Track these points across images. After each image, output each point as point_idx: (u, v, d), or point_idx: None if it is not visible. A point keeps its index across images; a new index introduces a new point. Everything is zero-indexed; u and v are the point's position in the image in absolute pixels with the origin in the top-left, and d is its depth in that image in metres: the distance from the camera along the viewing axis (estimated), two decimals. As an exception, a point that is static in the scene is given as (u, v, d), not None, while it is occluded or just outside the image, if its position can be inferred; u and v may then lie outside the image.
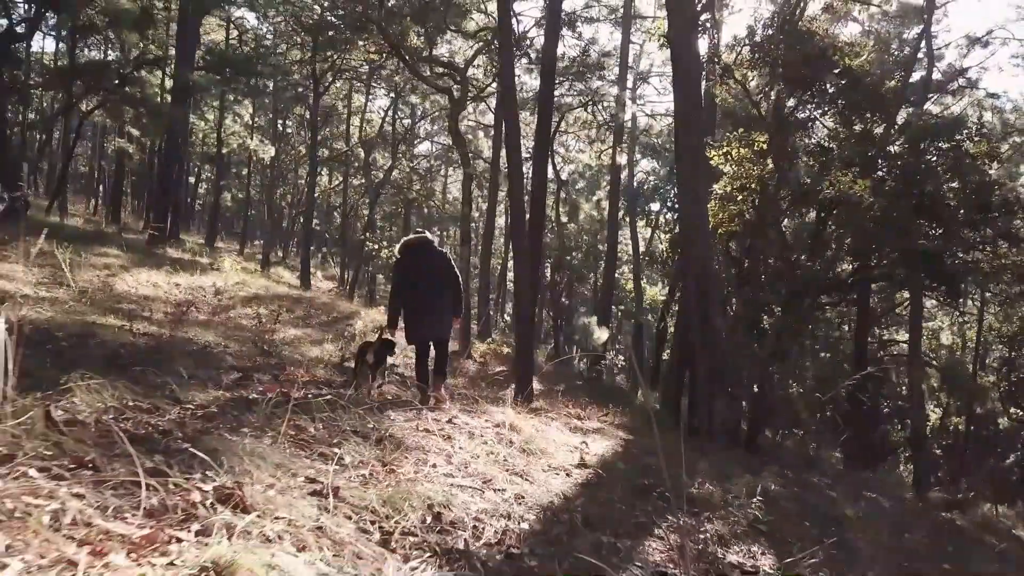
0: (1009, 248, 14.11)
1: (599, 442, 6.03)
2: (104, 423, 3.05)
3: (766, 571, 3.65)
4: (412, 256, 5.99)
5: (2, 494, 2.06)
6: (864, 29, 15.53)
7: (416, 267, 5.93)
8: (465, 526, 2.95)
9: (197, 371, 4.74)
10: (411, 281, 5.91)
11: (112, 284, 12.62)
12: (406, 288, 5.93)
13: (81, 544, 1.97)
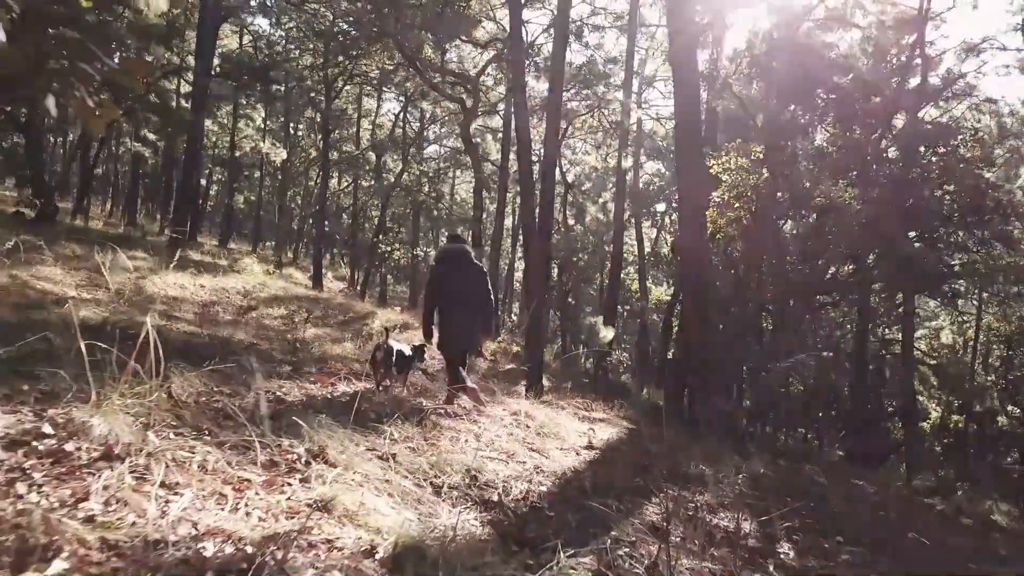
0: (1004, 250, 14.75)
1: (605, 430, 6.73)
2: (202, 402, 3.81)
3: (745, 531, 4.36)
4: (449, 266, 6.06)
5: (163, 448, 2.81)
6: (864, 35, 16.15)
7: (452, 278, 5.99)
8: (496, 486, 3.68)
9: (255, 364, 5.47)
10: (445, 291, 5.98)
11: (143, 286, 13.38)
12: (440, 297, 6.01)
13: (224, 483, 2.72)
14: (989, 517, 8.33)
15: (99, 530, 2.11)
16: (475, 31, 17.07)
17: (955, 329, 22.12)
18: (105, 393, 3.01)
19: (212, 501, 2.53)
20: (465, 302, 5.93)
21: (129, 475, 2.52)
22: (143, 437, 2.86)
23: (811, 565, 4.06)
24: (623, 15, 19.42)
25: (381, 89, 25.76)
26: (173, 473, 2.64)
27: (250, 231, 35.46)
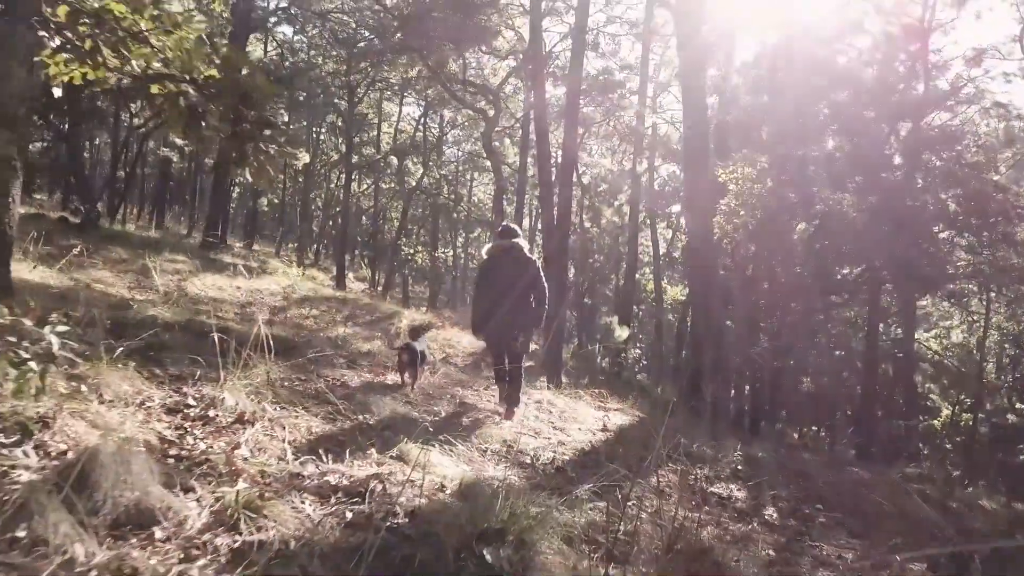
0: (1009, 251, 15.36)
1: (618, 417, 7.58)
2: (287, 385, 4.72)
3: (736, 495, 5.20)
4: (496, 261, 5.90)
5: (278, 416, 3.72)
6: (874, 42, 16.82)
7: (497, 273, 5.84)
8: (528, 453, 4.57)
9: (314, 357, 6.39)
10: (489, 284, 5.88)
11: (185, 287, 14.42)
12: (485, 293, 5.92)
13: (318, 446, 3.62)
14: (976, 502, 9.07)
15: (256, 466, 3.02)
16: (495, 41, 17.96)
17: (965, 329, 22.65)
18: (227, 375, 3.94)
19: (321, 452, 3.45)
20: (508, 300, 5.64)
21: (262, 433, 3.44)
22: (261, 408, 3.78)
23: (790, 523, 4.89)
24: (638, 23, 20.25)
25: (403, 95, 26.75)
26: (290, 433, 3.56)
27: (274, 233, 36.62)
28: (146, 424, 3.26)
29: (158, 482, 2.60)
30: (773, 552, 3.89)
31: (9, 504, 2.23)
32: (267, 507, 2.59)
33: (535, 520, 2.65)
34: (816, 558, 4.01)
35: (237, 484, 2.79)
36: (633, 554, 2.71)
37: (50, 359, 2.90)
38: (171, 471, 2.74)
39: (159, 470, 2.67)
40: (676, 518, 3.47)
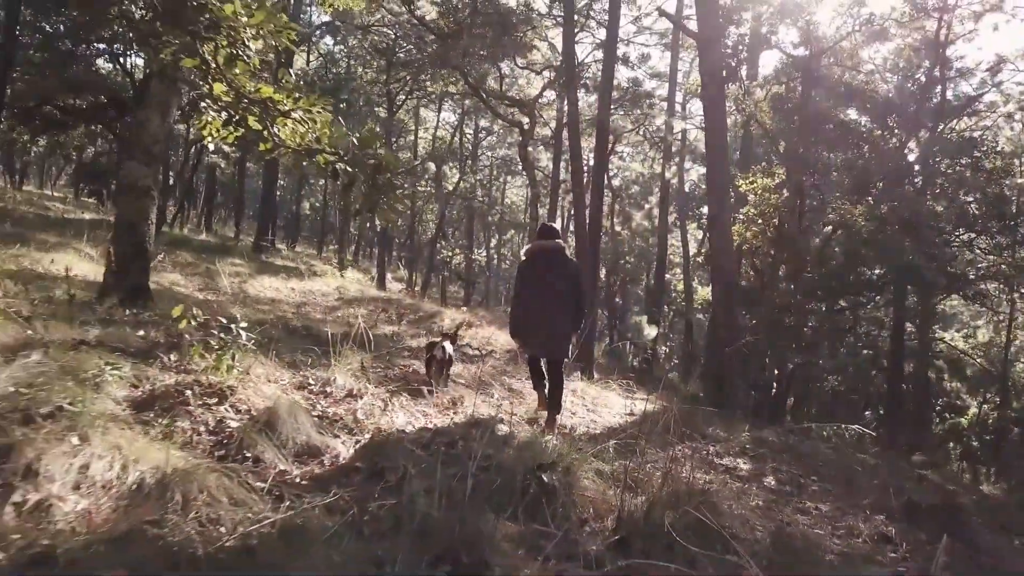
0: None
1: (644, 405, 8.65)
2: (373, 371, 5.92)
3: (743, 466, 6.25)
4: (532, 263, 5.71)
5: (377, 392, 4.92)
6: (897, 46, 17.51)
7: (537, 274, 5.63)
8: (566, 427, 5.69)
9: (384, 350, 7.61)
10: (528, 289, 5.67)
11: (245, 289, 15.85)
12: (524, 295, 5.70)
13: (418, 412, 4.81)
14: (977, 487, 9.89)
15: (372, 423, 4.21)
16: (530, 54, 19.10)
17: (991, 328, 23.08)
18: (333, 361, 5.15)
19: (415, 418, 4.63)
20: (551, 303, 5.53)
21: (368, 403, 4.64)
22: (363, 386, 4.98)
23: (786, 489, 5.91)
24: (666, 32, 21.18)
25: (440, 103, 28.10)
26: (393, 405, 4.75)
27: (314, 235, 38.40)
28: (286, 395, 4.48)
29: (314, 431, 3.81)
30: (761, 503, 4.94)
31: (233, 440, 3.46)
32: (388, 448, 3.78)
33: (576, 459, 3.78)
34: (797, 508, 5.05)
35: (364, 435, 4.00)
36: (642, 487, 3.80)
37: (237, 347, 4.13)
38: (318, 425, 3.94)
39: (312, 424, 3.88)
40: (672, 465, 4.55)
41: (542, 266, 5.63)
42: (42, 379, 3.49)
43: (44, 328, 4.57)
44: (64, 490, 2.54)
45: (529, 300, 5.65)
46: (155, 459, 2.85)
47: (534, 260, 5.71)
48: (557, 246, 5.71)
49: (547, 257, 5.66)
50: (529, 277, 5.70)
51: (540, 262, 5.65)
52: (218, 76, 4.17)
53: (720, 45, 10.72)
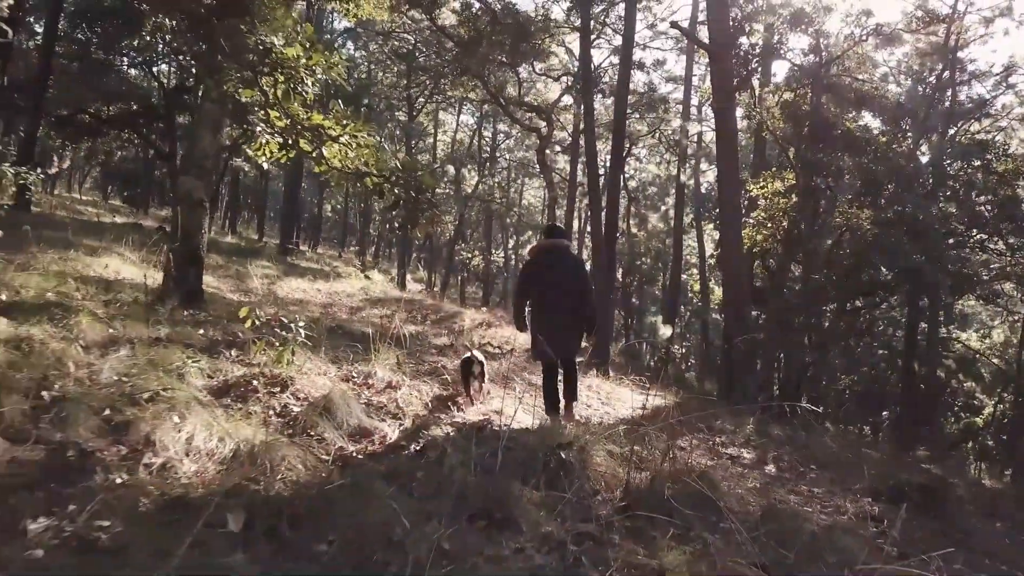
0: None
1: (656, 400, 9.21)
2: (407, 365, 6.55)
3: (746, 456, 6.79)
4: (541, 261, 5.68)
5: (412, 384, 5.55)
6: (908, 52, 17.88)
7: (544, 275, 5.59)
8: (583, 417, 6.29)
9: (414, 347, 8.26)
10: (538, 290, 5.61)
11: (275, 290, 16.63)
12: (532, 297, 5.69)
13: (448, 399, 5.44)
14: (980, 480, 10.32)
15: (412, 410, 4.85)
16: (548, 60, 19.69)
17: (1007, 328, 23.28)
18: (373, 357, 5.80)
19: (449, 407, 5.26)
20: (560, 302, 5.51)
21: (407, 393, 5.27)
22: (401, 378, 5.62)
23: (785, 475, 6.44)
24: (682, 38, 21.63)
25: (460, 108, 28.82)
26: (427, 395, 5.38)
27: (334, 236, 39.33)
28: (337, 386, 5.12)
29: (363, 416, 4.44)
30: (758, 485, 5.49)
31: (298, 421, 4.10)
32: (427, 430, 4.41)
33: (589, 441, 4.38)
34: (791, 490, 5.60)
35: (406, 420, 4.64)
36: (647, 465, 4.38)
37: (296, 343, 4.78)
38: (366, 411, 4.58)
39: (361, 409, 4.52)
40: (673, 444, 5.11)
41: (548, 265, 5.62)
42: (136, 370, 4.17)
43: (122, 327, 5.26)
44: (179, 456, 3.19)
45: (540, 311, 5.62)
46: (243, 434, 3.50)
47: (540, 259, 5.72)
48: (562, 244, 5.77)
49: (553, 255, 5.66)
50: (535, 276, 5.66)
51: (545, 261, 5.65)
52: (276, 106, 4.81)
53: (730, 56, 11.25)
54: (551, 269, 5.61)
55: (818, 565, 3.75)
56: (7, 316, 4.57)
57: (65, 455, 3.00)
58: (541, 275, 5.64)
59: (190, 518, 2.56)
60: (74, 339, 4.53)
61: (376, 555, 2.70)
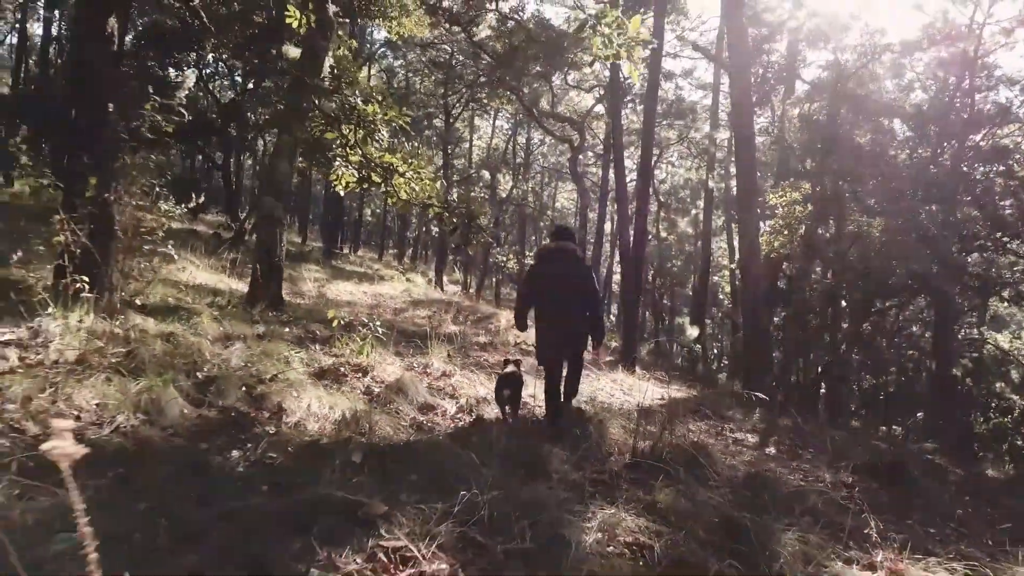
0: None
1: (677, 394, 10.32)
2: (456, 359, 7.80)
3: (750, 439, 7.87)
4: (547, 263, 5.70)
5: (464, 374, 6.82)
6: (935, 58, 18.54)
7: (549, 276, 5.59)
8: (606, 402, 7.46)
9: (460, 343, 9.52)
10: (541, 291, 5.63)
11: (324, 292, 18.11)
12: (535, 300, 5.68)
13: (487, 389, 6.68)
14: (984, 472, 11.16)
15: (465, 392, 6.09)
16: (580, 71, 20.82)
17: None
18: (429, 350, 7.06)
19: (490, 390, 6.49)
20: (564, 304, 5.52)
21: (459, 381, 6.52)
22: (453, 368, 6.88)
23: (783, 456, 7.50)
24: (710, 47, 22.54)
25: (495, 114, 30.14)
26: (475, 382, 6.63)
27: (373, 239, 41.05)
28: (404, 373, 6.40)
29: (428, 395, 5.70)
30: (752, 459, 6.58)
31: (379, 398, 5.37)
32: (478, 407, 5.65)
33: (607, 417, 5.57)
34: (781, 464, 6.68)
35: (460, 399, 5.89)
36: (651, 436, 5.53)
37: (372, 339, 6.07)
38: (429, 392, 5.84)
39: (425, 390, 5.78)
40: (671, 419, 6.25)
41: (553, 267, 5.61)
42: (254, 358, 5.49)
43: (231, 325, 6.61)
44: (305, 417, 4.48)
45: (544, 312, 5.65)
46: (344, 404, 4.78)
47: (544, 260, 5.76)
48: (567, 247, 5.69)
49: (558, 258, 5.64)
50: (538, 277, 5.68)
51: (550, 263, 5.66)
52: (353, 148, 6.11)
53: (749, 75, 12.24)
54: (555, 271, 5.59)
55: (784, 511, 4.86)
56: (152, 317, 5.94)
57: (230, 415, 4.31)
58: (545, 277, 5.63)
59: (325, 455, 3.84)
60: (202, 335, 5.88)
61: (448, 485, 3.94)
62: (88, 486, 2.97)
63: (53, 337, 4.79)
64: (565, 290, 5.56)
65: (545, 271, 5.67)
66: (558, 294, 5.55)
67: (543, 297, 5.63)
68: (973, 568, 4.49)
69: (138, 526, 2.63)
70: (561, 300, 5.55)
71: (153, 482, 3.08)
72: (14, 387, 3.71)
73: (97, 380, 4.07)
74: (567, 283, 5.57)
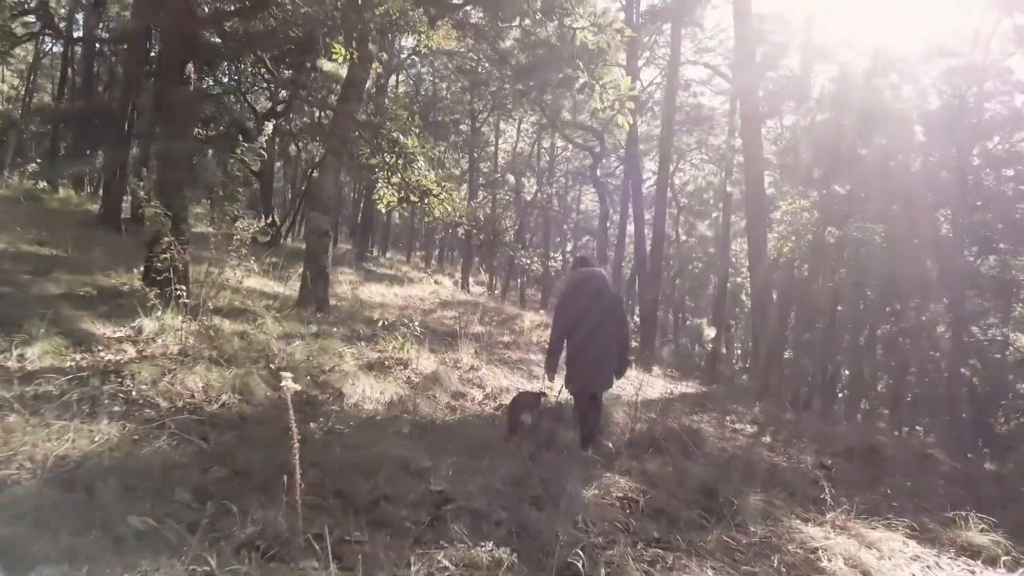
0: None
1: (688, 390, 11.26)
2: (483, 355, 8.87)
3: (748, 429, 8.79)
4: (578, 295, 5.72)
5: (490, 367, 7.90)
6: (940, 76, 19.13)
7: (581, 308, 5.61)
8: (615, 395, 8.46)
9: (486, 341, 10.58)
10: (574, 323, 5.61)
11: (358, 295, 19.32)
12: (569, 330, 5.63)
13: (511, 380, 7.75)
14: (983, 467, 11.91)
15: (491, 383, 7.16)
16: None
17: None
18: (459, 348, 8.14)
19: (516, 382, 7.55)
20: (596, 335, 5.56)
21: (485, 373, 7.59)
22: (480, 363, 7.95)
23: (776, 444, 8.41)
24: (729, 54, 23.30)
25: (520, 121, 31.21)
26: (499, 375, 7.69)
27: (401, 241, 42.41)
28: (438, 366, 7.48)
29: (459, 385, 6.78)
30: (743, 443, 7.52)
31: (420, 386, 6.46)
32: (503, 395, 6.70)
33: (613, 405, 6.58)
34: (769, 449, 7.61)
35: (487, 388, 6.95)
36: (648, 420, 6.53)
37: (411, 337, 7.16)
38: (460, 382, 6.91)
39: (458, 381, 6.86)
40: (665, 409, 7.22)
41: (584, 299, 5.64)
42: (313, 353, 6.61)
43: (289, 325, 7.76)
44: (361, 399, 5.58)
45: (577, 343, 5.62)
46: (392, 390, 5.88)
47: (574, 291, 5.79)
48: (597, 273, 5.83)
49: (588, 286, 5.71)
50: (572, 314, 5.64)
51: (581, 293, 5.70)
52: (394, 173, 7.21)
53: (756, 90, 13.11)
54: (584, 304, 5.62)
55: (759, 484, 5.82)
56: (225, 318, 7.10)
57: (302, 397, 5.42)
58: (575, 310, 5.63)
59: (380, 427, 4.93)
60: (268, 333, 7.02)
61: (477, 452, 4.99)
62: (220, 441, 4.10)
63: (152, 334, 5.96)
64: (597, 321, 5.57)
65: (577, 302, 5.67)
66: (590, 325, 5.56)
67: (575, 329, 5.59)
68: (913, 528, 5.43)
69: (258, 466, 3.74)
70: (593, 331, 5.56)
71: (260, 440, 4.19)
72: (143, 372, 4.85)
73: (199, 368, 5.20)
74: (598, 313, 5.59)
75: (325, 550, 2.71)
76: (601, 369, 5.64)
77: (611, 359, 5.68)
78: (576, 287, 5.81)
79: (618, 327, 5.70)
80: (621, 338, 5.75)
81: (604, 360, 5.64)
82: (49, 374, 4.54)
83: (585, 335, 5.57)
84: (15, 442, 3.40)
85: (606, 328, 5.59)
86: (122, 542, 2.77)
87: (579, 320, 5.58)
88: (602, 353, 5.60)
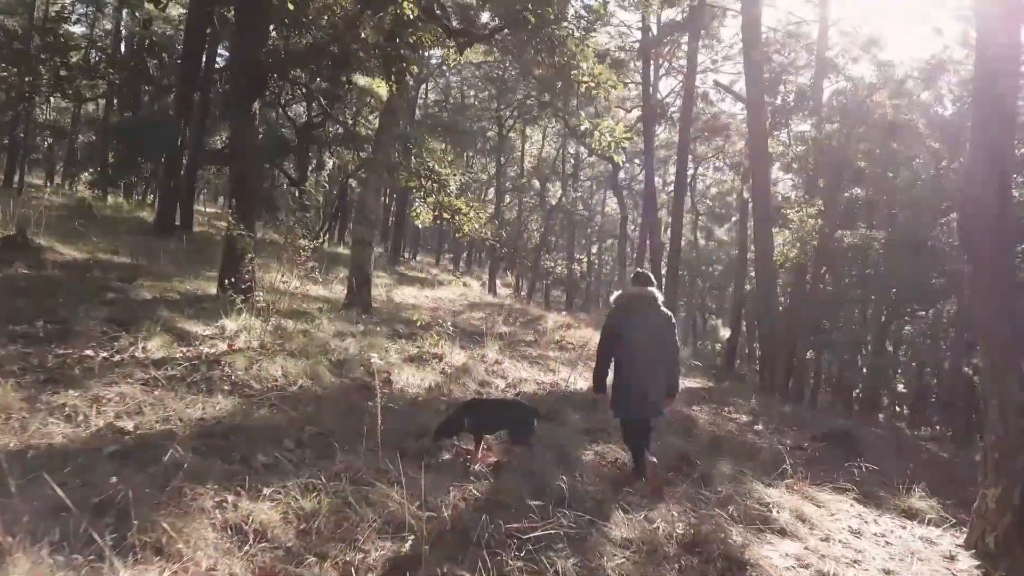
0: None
1: (693, 385, 12.42)
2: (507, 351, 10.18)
3: (744, 419, 9.94)
4: (629, 313, 5.46)
5: (512, 361, 9.22)
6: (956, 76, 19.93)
7: (632, 328, 5.39)
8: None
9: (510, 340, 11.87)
10: (624, 343, 5.40)
11: (392, 297, 20.74)
12: (618, 351, 5.44)
13: (530, 373, 9.07)
14: (972, 458, 12.85)
15: (514, 375, 8.47)
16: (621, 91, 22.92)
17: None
18: (486, 345, 9.46)
19: (535, 375, 8.85)
20: (647, 358, 5.37)
21: (508, 367, 8.90)
22: (504, 358, 9.26)
23: (767, 431, 9.53)
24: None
25: (545, 127, 32.54)
26: (520, 368, 9.00)
27: (429, 244, 44.03)
28: (467, 360, 8.79)
29: (486, 375, 8.10)
30: (735, 429, 8.69)
31: (452, 376, 7.80)
32: (523, 385, 8.01)
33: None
34: (757, 434, 8.76)
35: (509, 379, 8.27)
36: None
37: (448, 334, 8.51)
38: (487, 374, 8.23)
39: (485, 372, 8.18)
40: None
41: (636, 318, 5.42)
42: (363, 348, 7.97)
43: (340, 325, 9.14)
44: (407, 385, 6.93)
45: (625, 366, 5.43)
46: (430, 378, 7.22)
47: (625, 309, 5.53)
48: (650, 293, 5.49)
49: (640, 305, 5.48)
50: (622, 334, 5.43)
51: (632, 312, 5.47)
52: (429, 194, 8.55)
53: (764, 106, 14.21)
54: (636, 324, 5.41)
55: (736, 458, 7.01)
56: (289, 319, 8.50)
57: (359, 383, 6.78)
58: (629, 327, 5.42)
59: (423, 405, 6.27)
60: (325, 332, 8.41)
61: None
62: (304, 411, 5.47)
63: (234, 332, 7.37)
64: (648, 343, 5.39)
65: (628, 321, 5.43)
66: (641, 347, 5.37)
67: (625, 348, 5.40)
68: (864, 496, 6.59)
69: (337, 428, 5.10)
70: (644, 354, 5.38)
71: (334, 412, 5.55)
72: (236, 361, 6.25)
73: (278, 359, 6.59)
74: (650, 335, 5.41)
75: (394, 479, 4.04)
76: (649, 397, 5.40)
77: (660, 383, 5.46)
78: (625, 306, 5.55)
79: (667, 350, 5.50)
80: (670, 362, 5.55)
81: (653, 387, 5.41)
82: (169, 362, 5.95)
83: (633, 360, 5.38)
84: (170, 408, 4.80)
85: (652, 351, 5.39)
86: (255, 470, 4.13)
87: (625, 341, 5.40)
88: (649, 378, 5.39)
